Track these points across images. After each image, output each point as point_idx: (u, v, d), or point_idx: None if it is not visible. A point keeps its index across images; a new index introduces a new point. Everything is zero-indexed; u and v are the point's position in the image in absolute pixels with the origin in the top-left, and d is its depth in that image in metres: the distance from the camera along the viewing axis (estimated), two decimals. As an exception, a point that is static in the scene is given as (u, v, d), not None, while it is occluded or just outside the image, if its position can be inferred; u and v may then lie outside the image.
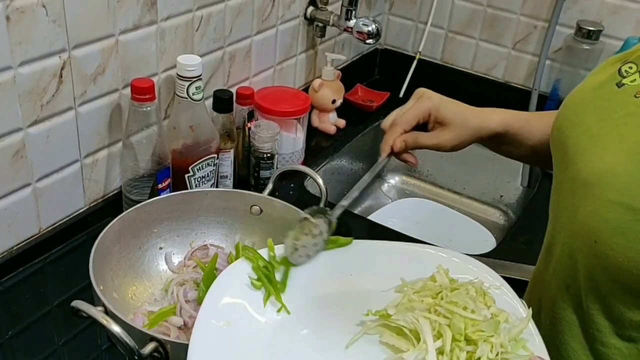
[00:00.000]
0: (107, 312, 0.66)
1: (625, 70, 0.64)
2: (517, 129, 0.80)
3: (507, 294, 0.69)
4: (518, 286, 0.98)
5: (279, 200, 0.87)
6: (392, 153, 0.80)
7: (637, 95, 0.61)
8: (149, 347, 0.63)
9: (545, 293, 0.70)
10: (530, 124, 0.80)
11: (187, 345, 0.57)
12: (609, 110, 0.63)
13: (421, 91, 0.81)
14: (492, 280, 0.70)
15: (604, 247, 0.59)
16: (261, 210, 0.88)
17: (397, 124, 0.79)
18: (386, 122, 0.82)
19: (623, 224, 0.57)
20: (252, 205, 0.88)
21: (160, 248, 0.87)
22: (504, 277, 1.00)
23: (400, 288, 0.67)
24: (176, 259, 0.87)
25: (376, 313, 0.63)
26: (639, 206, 0.56)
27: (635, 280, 0.58)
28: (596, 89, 0.66)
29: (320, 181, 0.90)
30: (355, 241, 0.77)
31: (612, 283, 0.61)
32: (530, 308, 0.65)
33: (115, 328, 0.61)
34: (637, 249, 0.56)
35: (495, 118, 0.80)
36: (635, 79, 0.62)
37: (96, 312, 0.62)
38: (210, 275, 0.79)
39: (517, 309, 0.66)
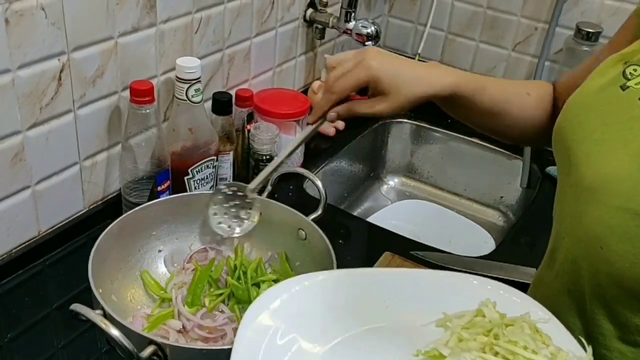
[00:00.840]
0: (105, 315, 0.66)
1: (630, 73, 0.63)
2: (470, 93, 0.76)
3: (557, 328, 0.62)
4: (519, 288, 0.98)
5: (278, 202, 0.87)
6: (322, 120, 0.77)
7: None
8: (148, 351, 0.63)
9: (547, 296, 0.70)
10: (486, 90, 0.77)
11: (186, 349, 0.57)
12: (613, 114, 0.62)
13: (362, 54, 0.74)
14: (541, 314, 0.63)
15: (610, 253, 0.58)
16: (260, 213, 0.88)
17: (332, 92, 0.74)
18: (319, 83, 0.80)
19: (629, 230, 0.56)
20: (251, 208, 0.88)
21: (160, 251, 0.87)
22: (503, 280, 1.00)
23: (442, 322, 0.61)
24: (175, 262, 0.87)
25: (427, 353, 0.57)
26: None
27: None
28: (599, 92, 0.65)
29: (319, 183, 0.89)
30: (384, 270, 0.75)
31: (618, 289, 0.60)
32: (590, 346, 0.59)
33: (114, 332, 0.61)
34: None
35: (444, 82, 0.75)
36: (639, 82, 0.62)
37: (95, 316, 0.62)
38: (202, 278, 0.79)
39: (571, 345, 0.60)
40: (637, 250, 0.56)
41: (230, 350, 0.57)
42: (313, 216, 0.85)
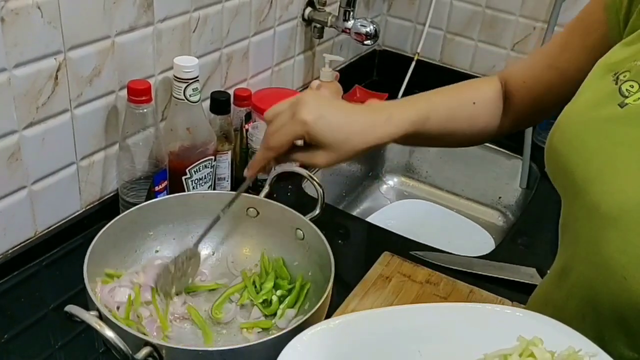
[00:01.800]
0: (101, 316, 0.65)
1: (627, 90, 0.59)
2: (414, 130, 0.73)
3: None
4: (518, 288, 0.98)
5: (276, 202, 0.86)
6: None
7: None
8: (143, 352, 0.62)
9: (560, 318, 0.65)
10: (430, 119, 0.74)
11: (182, 350, 0.57)
12: (617, 134, 0.59)
13: (296, 106, 0.70)
14: (585, 347, 0.58)
15: (635, 284, 0.56)
16: (258, 213, 0.88)
17: (269, 147, 0.71)
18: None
19: None
20: (249, 208, 0.87)
21: (157, 251, 0.86)
22: (503, 280, 1.00)
23: None
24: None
25: None
26: None
27: None
28: (594, 109, 0.61)
29: (317, 183, 0.89)
30: (407, 307, 0.72)
31: None
32: None
33: (109, 333, 0.61)
34: None
35: (388, 131, 0.71)
36: (639, 97, 0.58)
37: (89, 317, 0.62)
38: None
39: None
40: None
41: (226, 351, 0.56)
42: (311, 216, 0.85)
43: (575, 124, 0.63)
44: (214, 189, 1.09)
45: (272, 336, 0.65)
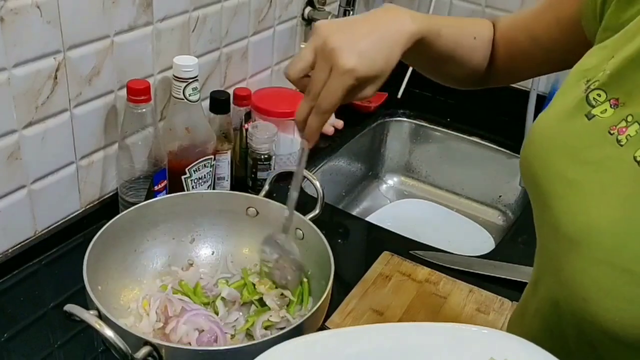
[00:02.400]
0: (100, 316, 0.65)
1: (594, 98, 0.56)
2: (431, 39, 0.69)
3: None
4: (518, 288, 0.98)
5: (275, 202, 0.86)
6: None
7: (612, 132, 0.54)
8: (143, 351, 0.62)
9: (528, 335, 0.63)
10: (441, 36, 0.70)
11: (181, 350, 0.57)
12: (582, 151, 0.56)
13: (328, 54, 0.62)
14: None
15: (595, 307, 0.54)
16: (257, 212, 0.88)
17: (325, 112, 0.64)
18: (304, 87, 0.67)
19: (617, 287, 0.52)
20: (249, 207, 0.87)
21: (156, 252, 0.86)
22: (503, 279, 1.00)
23: None
24: (171, 261, 0.87)
25: None
26: (635, 268, 0.51)
27: (633, 339, 0.53)
28: (563, 121, 0.58)
29: (317, 183, 0.89)
30: (392, 325, 0.69)
31: (605, 338, 0.55)
32: None
33: (108, 332, 0.61)
34: (635, 313, 0.51)
35: (409, 30, 0.66)
36: (605, 109, 0.55)
37: (89, 317, 0.62)
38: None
39: None
40: (626, 306, 0.51)
41: (226, 351, 0.56)
42: (311, 215, 0.85)
43: (544, 136, 0.60)
44: (214, 188, 1.09)
45: (273, 335, 0.65)
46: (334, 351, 0.58)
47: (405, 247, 1.05)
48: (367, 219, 1.30)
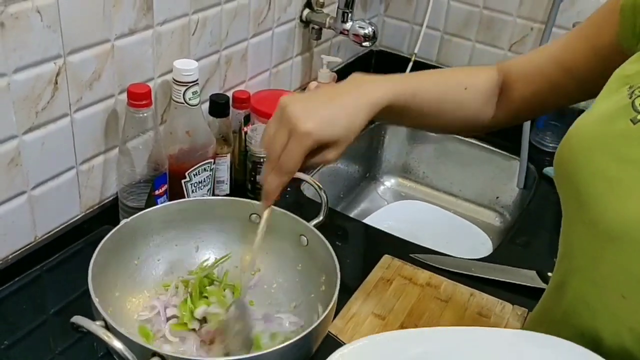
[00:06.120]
0: (107, 326, 0.65)
1: None
2: (404, 102, 0.71)
3: None
4: (518, 291, 0.98)
5: (279, 208, 0.86)
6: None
7: None
8: (151, 362, 0.62)
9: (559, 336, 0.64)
10: (416, 96, 0.72)
11: (189, 360, 0.56)
12: (625, 151, 0.57)
13: (287, 121, 0.65)
14: None
15: (634, 304, 0.55)
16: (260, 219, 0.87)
17: (286, 173, 0.67)
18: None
19: None
20: (252, 214, 0.87)
21: (159, 259, 0.86)
22: (503, 282, 1.00)
23: None
24: (174, 269, 0.86)
25: None
26: None
27: None
28: (606, 123, 0.60)
29: (322, 192, 0.88)
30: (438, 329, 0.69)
31: None
32: None
33: (117, 344, 0.60)
34: None
35: (377, 99, 0.68)
36: None
37: (97, 328, 0.61)
38: None
39: None
40: None
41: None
42: (315, 222, 0.85)
43: (585, 137, 0.62)
44: (213, 192, 1.09)
45: (281, 345, 0.65)
46: (399, 351, 0.60)
47: (405, 250, 1.05)
48: (365, 220, 1.30)
